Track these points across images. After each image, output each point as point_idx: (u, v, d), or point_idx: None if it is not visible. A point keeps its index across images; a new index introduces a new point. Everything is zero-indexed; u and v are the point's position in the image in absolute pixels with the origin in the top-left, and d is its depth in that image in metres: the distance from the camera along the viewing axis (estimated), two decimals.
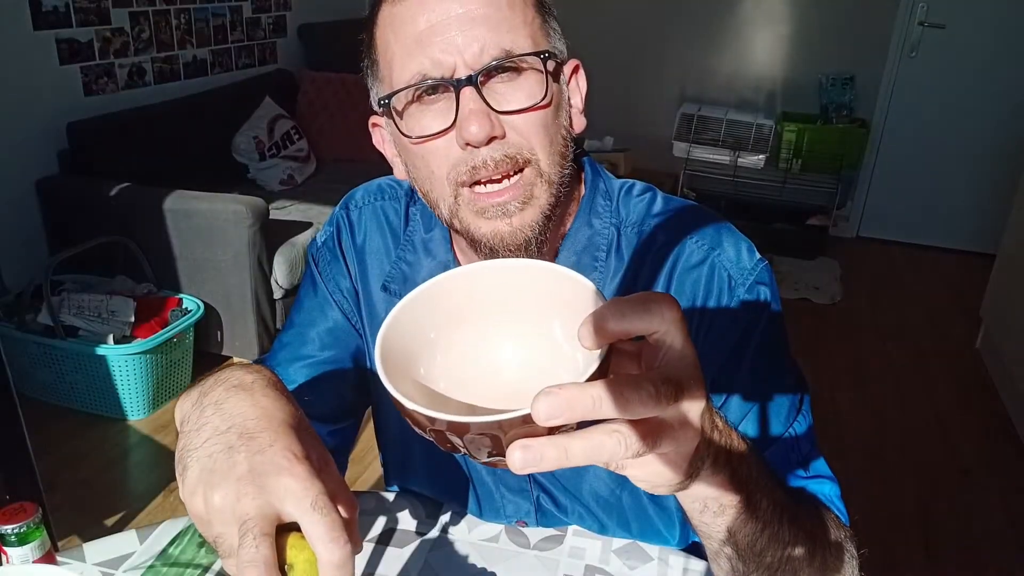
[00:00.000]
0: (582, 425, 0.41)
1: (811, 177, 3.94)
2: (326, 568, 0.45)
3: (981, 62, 3.79)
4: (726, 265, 0.74)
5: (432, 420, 0.41)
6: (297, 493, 0.45)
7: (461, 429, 0.41)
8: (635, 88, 4.31)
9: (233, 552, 0.45)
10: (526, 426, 0.39)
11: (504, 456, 0.40)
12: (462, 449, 0.43)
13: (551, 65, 0.67)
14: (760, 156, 3.89)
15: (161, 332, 2.36)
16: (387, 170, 0.81)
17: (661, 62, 4.32)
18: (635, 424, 0.40)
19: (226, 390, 0.52)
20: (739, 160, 3.92)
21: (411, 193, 0.85)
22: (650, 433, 0.40)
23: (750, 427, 0.73)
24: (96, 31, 2.85)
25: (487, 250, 0.68)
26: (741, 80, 4.25)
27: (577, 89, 0.74)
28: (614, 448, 0.39)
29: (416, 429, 0.45)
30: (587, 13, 4.13)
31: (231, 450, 0.47)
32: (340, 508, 0.46)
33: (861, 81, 4.00)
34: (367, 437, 0.91)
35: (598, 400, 0.38)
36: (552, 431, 0.40)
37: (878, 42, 3.94)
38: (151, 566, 0.75)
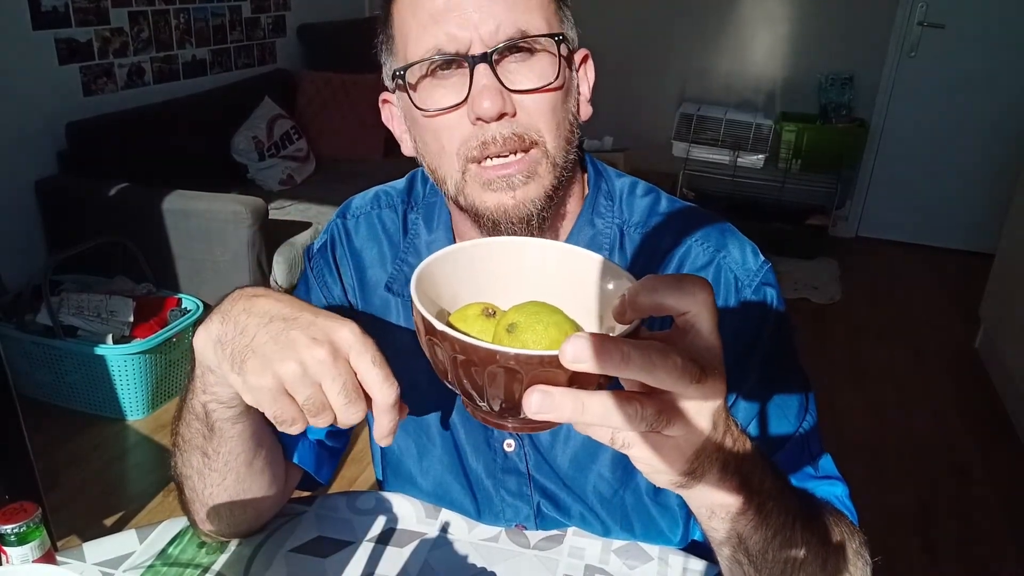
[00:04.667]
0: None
1: (810, 177, 3.95)
2: (379, 410, 0.53)
3: (980, 62, 3.79)
4: (732, 267, 0.74)
5: (460, 346, 0.41)
6: (357, 346, 0.52)
7: (488, 358, 0.40)
8: (634, 88, 4.31)
9: (324, 407, 0.53)
10: (550, 370, 0.40)
11: (517, 409, 0.41)
12: (477, 397, 0.43)
13: (564, 49, 0.68)
14: (759, 156, 3.89)
15: (160, 332, 2.36)
16: (387, 171, 0.81)
17: (660, 61, 4.32)
18: (652, 398, 0.40)
19: (247, 299, 0.58)
20: (738, 160, 3.91)
21: (408, 199, 0.85)
22: (665, 410, 0.41)
23: (761, 427, 0.73)
24: (95, 31, 2.85)
25: (490, 224, 0.69)
26: (740, 80, 4.25)
27: (585, 78, 0.75)
28: (629, 414, 0.39)
29: (436, 361, 0.45)
30: (586, 12, 4.12)
31: (284, 329, 0.53)
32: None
33: (860, 81, 4.00)
34: (367, 437, 0.91)
35: (626, 355, 0.37)
36: (573, 384, 0.40)
37: (877, 42, 3.94)
38: (151, 566, 0.75)
